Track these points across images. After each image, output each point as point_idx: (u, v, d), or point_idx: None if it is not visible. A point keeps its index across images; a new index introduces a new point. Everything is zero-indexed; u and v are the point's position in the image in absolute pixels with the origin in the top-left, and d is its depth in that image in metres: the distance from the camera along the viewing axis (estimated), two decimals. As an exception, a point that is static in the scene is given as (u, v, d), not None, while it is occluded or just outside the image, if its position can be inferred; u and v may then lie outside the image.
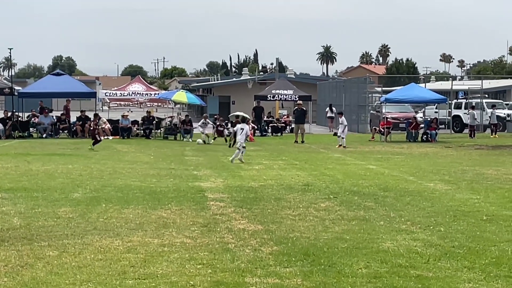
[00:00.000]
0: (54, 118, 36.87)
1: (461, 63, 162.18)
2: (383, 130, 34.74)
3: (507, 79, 68.14)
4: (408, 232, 10.23)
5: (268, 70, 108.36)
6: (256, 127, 38.21)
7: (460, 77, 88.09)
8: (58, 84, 36.78)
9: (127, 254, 8.62)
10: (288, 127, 41.50)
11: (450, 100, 44.61)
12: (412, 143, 32.94)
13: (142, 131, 36.16)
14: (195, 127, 34.82)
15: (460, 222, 11.05)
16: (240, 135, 21.90)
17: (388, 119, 35.84)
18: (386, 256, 8.58)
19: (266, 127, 39.96)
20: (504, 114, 43.65)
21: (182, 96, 38.84)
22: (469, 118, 39.55)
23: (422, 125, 36.58)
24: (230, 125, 34.34)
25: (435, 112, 44.45)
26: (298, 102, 37.18)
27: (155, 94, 43.08)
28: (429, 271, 7.93)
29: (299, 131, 33.31)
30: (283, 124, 41.44)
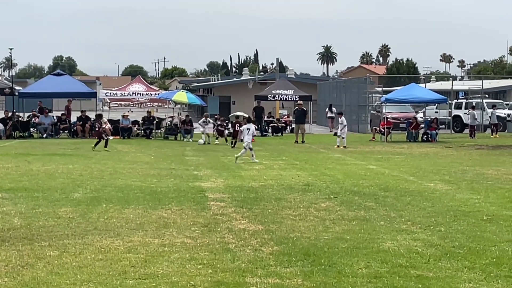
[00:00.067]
0: (55, 118, 36.91)
1: (461, 63, 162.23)
2: (383, 130, 34.75)
3: (507, 79, 68.13)
4: (409, 232, 10.23)
5: (269, 70, 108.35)
6: (256, 127, 38.19)
7: (460, 77, 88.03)
8: (59, 84, 36.79)
9: (128, 254, 8.62)
10: (288, 127, 41.50)
11: (451, 100, 44.60)
12: (412, 143, 32.95)
13: (143, 131, 36.17)
14: (196, 127, 34.83)
15: (460, 222, 11.06)
16: (247, 135, 21.98)
17: (388, 119, 35.84)
18: (386, 256, 8.58)
19: (267, 127, 39.97)
20: (504, 114, 43.64)
21: (182, 96, 38.84)
22: (469, 118, 39.58)
23: (423, 125, 36.59)
24: (230, 125, 34.35)
25: (436, 112, 44.47)
26: (299, 102, 37.18)
27: (155, 94, 43.01)
28: (429, 271, 7.94)
29: (299, 131, 33.32)
30: (284, 124, 41.45)
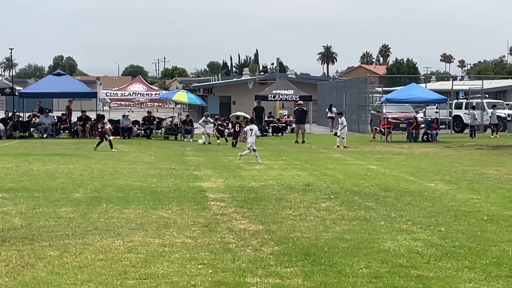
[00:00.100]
0: (55, 118, 36.92)
1: (461, 63, 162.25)
2: (383, 130, 34.76)
3: (508, 79, 68.14)
4: (409, 232, 10.23)
5: (269, 70, 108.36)
6: (256, 127, 38.20)
7: (460, 77, 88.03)
8: (59, 84, 36.78)
9: (128, 254, 8.62)
10: (288, 127, 41.52)
11: (451, 100, 44.60)
12: (412, 143, 32.95)
13: (143, 131, 36.17)
14: (196, 127, 34.84)
15: (460, 222, 11.06)
16: (250, 136, 22.03)
17: (388, 119, 35.85)
18: (386, 256, 8.58)
19: (267, 127, 39.97)
20: (504, 114, 43.64)
21: (183, 96, 38.85)
22: (469, 118, 39.59)
23: (423, 125, 36.58)
24: (230, 125, 34.35)
25: (436, 112, 44.47)
26: (299, 102, 37.17)
27: (155, 94, 43.00)
28: (429, 271, 7.94)
29: (299, 131, 33.32)
30: (284, 124, 41.46)
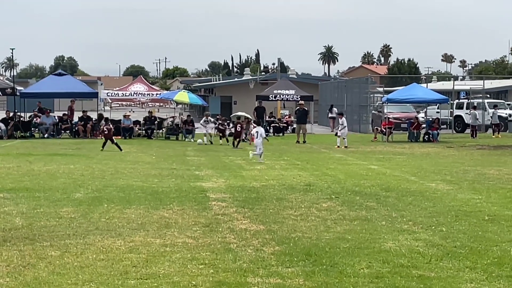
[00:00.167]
0: (56, 118, 36.93)
1: (462, 63, 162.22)
2: (385, 130, 34.75)
3: (509, 79, 68.11)
4: (410, 232, 10.22)
5: (270, 70, 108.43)
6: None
7: (461, 77, 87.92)
8: (60, 84, 36.78)
9: (129, 254, 8.62)
10: (289, 127, 41.51)
11: (452, 100, 44.58)
12: (414, 143, 32.94)
13: (144, 131, 36.16)
14: (197, 127, 34.83)
15: (462, 222, 11.05)
16: (257, 138, 22.08)
17: (389, 119, 35.84)
18: (388, 256, 8.57)
19: (268, 127, 39.95)
20: (505, 114, 43.60)
21: (184, 96, 38.83)
22: (470, 118, 39.55)
23: (424, 125, 36.56)
24: (231, 125, 34.32)
25: (437, 112, 44.40)
26: (300, 102, 37.15)
27: (157, 94, 42.98)
28: (431, 271, 7.93)
29: (300, 131, 33.31)
30: (285, 124, 41.45)
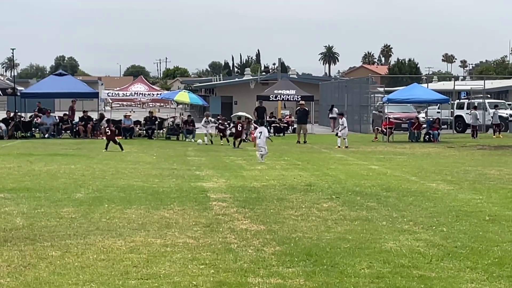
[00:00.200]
0: (57, 118, 36.94)
1: (463, 63, 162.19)
2: (385, 130, 34.74)
3: (509, 79, 68.05)
4: (411, 232, 10.22)
5: (270, 70, 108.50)
6: (258, 127, 38.18)
7: (462, 77, 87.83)
8: (61, 85, 36.79)
9: (130, 254, 8.63)
10: (290, 127, 41.49)
11: (453, 100, 44.56)
12: (414, 143, 32.94)
13: (145, 131, 36.16)
14: (198, 127, 34.82)
15: (462, 222, 11.05)
16: (259, 139, 22.10)
17: (390, 119, 35.83)
18: (388, 256, 8.57)
19: (269, 127, 39.92)
20: (506, 114, 43.59)
21: (184, 96, 38.82)
22: (471, 118, 39.53)
23: (425, 125, 36.56)
24: (231, 125, 34.31)
25: (438, 112, 44.38)
26: (301, 102, 37.15)
27: (157, 94, 42.94)
28: (431, 271, 7.93)
29: (301, 131, 33.32)
30: (286, 124, 41.43)
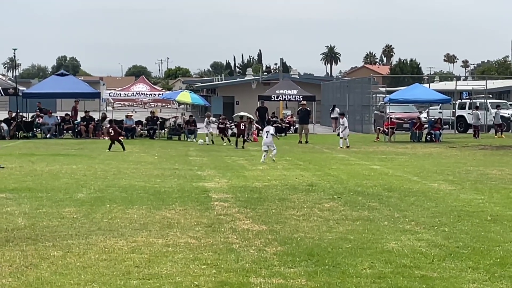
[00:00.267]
0: (58, 118, 36.97)
1: (465, 63, 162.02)
2: (387, 131, 34.73)
3: (511, 79, 67.99)
4: (413, 232, 10.22)
5: (272, 70, 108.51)
6: (260, 127, 38.21)
7: (464, 77, 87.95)
8: (62, 85, 36.79)
9: (132, 254, 8.63)
10: (292, 127, 41.50)
11: (454, 100, 44.53)
12: (416, 143, 32.93)
13: (146, 132, 36.18)
14: (200, 127, 34.82)
15: (464, 223, 11.04)
16: (266, 138, 22.11)
17: (392, 119, 35.83)
18: (390, 257, 8.57)
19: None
20: (508, 114, 43.57)
21: (186, 96, 38.84)
22: (473, 118, 39.51)
23: (426, 125, 36.54)
24: (233, 125, 34.31)
25: (439, 112, 44.34)
26: (302, 102, 37.14)
27: (159, 94, 42.96)
28: (433, 271, 7.93)
29: (303, 131, 33.31)
30: (287, 125, 41.44)
